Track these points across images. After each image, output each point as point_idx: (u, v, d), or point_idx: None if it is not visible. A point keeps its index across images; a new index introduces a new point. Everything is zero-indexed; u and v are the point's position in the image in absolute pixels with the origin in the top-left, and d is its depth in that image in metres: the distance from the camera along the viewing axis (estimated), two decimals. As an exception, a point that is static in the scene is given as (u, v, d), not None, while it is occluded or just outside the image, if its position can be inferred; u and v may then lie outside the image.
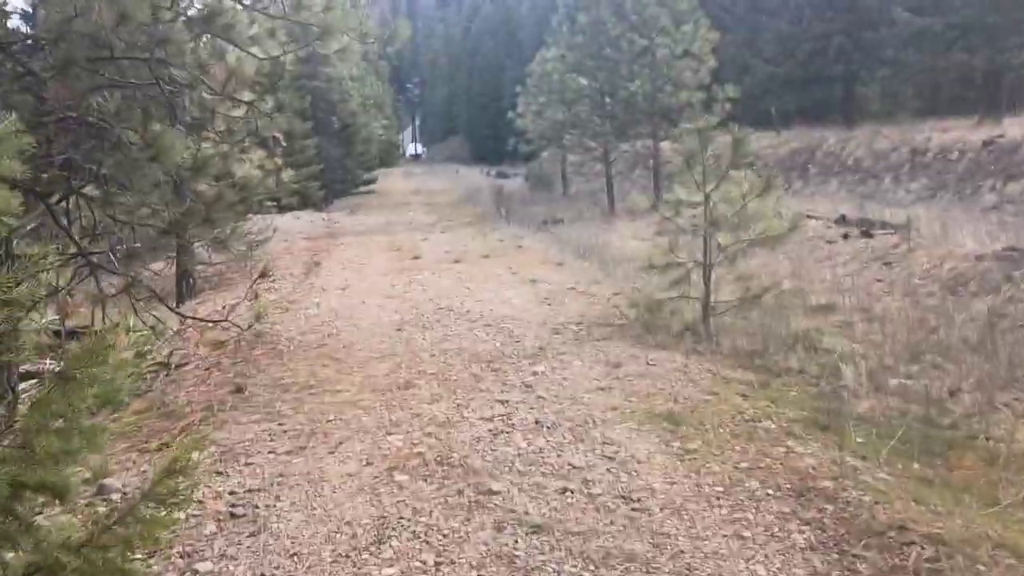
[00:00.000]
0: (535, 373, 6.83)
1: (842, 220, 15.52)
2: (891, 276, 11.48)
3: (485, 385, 6.52)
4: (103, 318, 5.94)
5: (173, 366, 7.13)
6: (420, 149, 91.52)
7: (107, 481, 4.53)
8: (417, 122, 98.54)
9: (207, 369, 7.16)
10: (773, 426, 5.48)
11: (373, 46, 8.70)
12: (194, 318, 7.24)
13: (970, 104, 26.29)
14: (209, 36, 5.97)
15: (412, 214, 26.62)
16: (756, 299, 8.34)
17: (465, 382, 6.63)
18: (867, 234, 13.92)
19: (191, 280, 13.86)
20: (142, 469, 4.83)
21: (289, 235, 18.91)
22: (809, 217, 14.56)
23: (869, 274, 11.82)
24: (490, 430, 5.43)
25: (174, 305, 12.81)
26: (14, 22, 6.11)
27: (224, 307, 10.63)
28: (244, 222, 14.40)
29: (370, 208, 30.29)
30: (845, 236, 14.20)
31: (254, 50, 6.38)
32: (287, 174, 9.26)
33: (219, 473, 4.78)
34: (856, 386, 6.63)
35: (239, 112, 6.74)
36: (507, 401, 6.05)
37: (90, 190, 6.14)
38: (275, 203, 20.89)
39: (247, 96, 6.86)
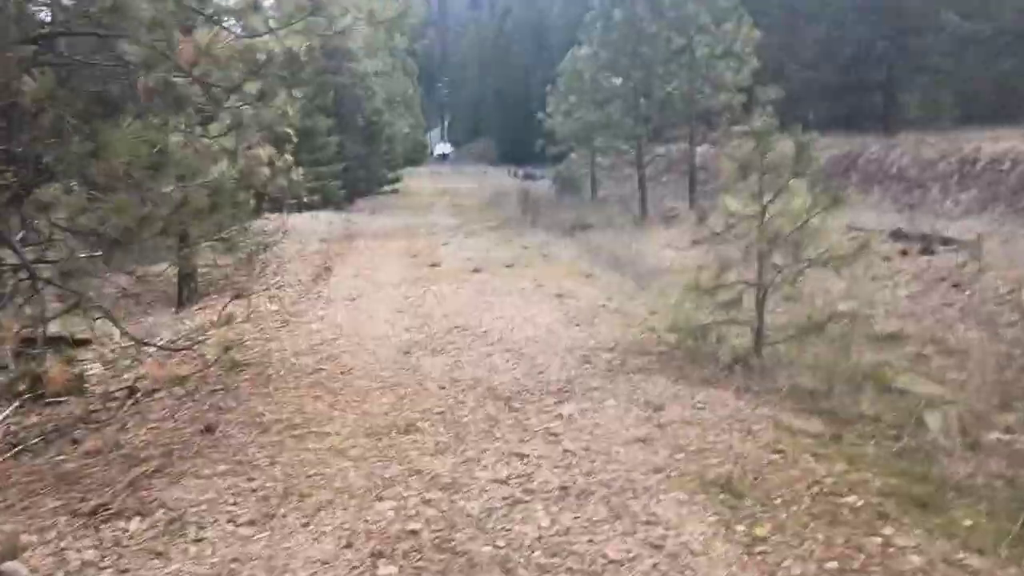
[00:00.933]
0: (560, 416, 5.75)
1: (898, 234, 14.28)
2: (962, 301, 10.26)
3: (501, 431, 5.46)
4: (44, 335, 4.95)
5: (140, 394, 6.13)
6: (448, 149, 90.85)
7: (9, 566, 3.51)
8: (446, 122, 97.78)
9: (180, 398, 6.17)
10: (860, 502, 4.35)
11: (398, 38, 7.70)
12: (152, 345, 6.23)
13: (1010, 112, 24.82)
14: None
15: (435, 216, 25.62)
16: (819, 328, 7.22)
17: (477, 426, 5.58)
18: (928, 250, 12.70)
19: (194, 284, 13.01)
20: (61, 545, 3.81)
21: (304, 236, 17.95)
22: (856, 229, 13.38)
23: (936, 297, 10.58)
24: (504, 498, 4.37)
25: (174, 311, 11.99)
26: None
27: (217, 317, 9.69)
28: (246, 224, 13.53)
29: (393, 209, 29.31)
30: (903, 252, 12.96)
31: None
32: (297, 172, 8.31)
33: (157, 555, 3.74)
34: (946, 442, 5.49)
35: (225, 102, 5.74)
36: (527, 456, 4.98)
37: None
38: (295, 201, 20.04)
39: (243, 84, 5.88)
